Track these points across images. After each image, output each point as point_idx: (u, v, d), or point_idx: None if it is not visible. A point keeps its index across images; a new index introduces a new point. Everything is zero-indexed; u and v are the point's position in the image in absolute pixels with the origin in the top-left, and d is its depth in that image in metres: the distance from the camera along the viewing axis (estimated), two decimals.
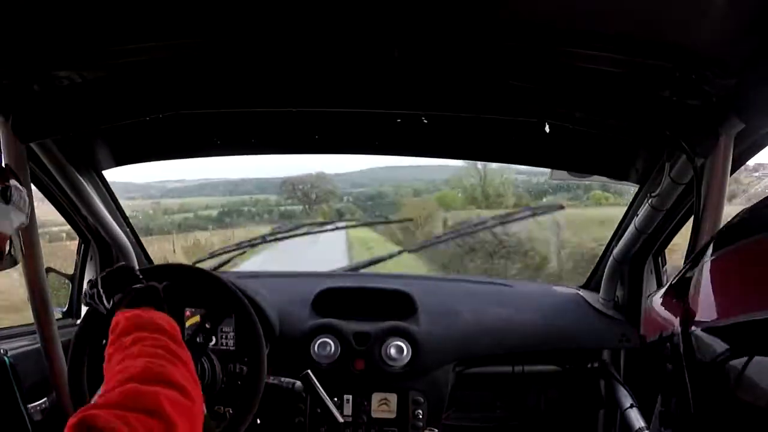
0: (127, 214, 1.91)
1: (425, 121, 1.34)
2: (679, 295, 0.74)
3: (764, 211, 0.63)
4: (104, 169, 1.76)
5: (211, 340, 1.70)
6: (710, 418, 0.63)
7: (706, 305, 0.63)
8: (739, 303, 0.58)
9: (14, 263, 1.05)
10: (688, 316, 0.67)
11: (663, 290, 0.87)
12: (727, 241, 0.64)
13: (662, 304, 0.83)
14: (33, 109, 1.26)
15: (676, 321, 0.70)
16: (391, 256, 2.23)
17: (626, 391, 1.75)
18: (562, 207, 3.12)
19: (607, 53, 1.11)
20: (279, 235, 2.30)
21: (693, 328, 0.64)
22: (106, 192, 1.79)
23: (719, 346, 0.59)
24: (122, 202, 1.88)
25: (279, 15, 1.07)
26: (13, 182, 1.00)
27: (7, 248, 1.01)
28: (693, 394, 0.65)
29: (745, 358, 0.54)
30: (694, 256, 0.74)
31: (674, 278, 0.81)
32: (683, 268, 0.79)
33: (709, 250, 0.66)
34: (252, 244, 2.18)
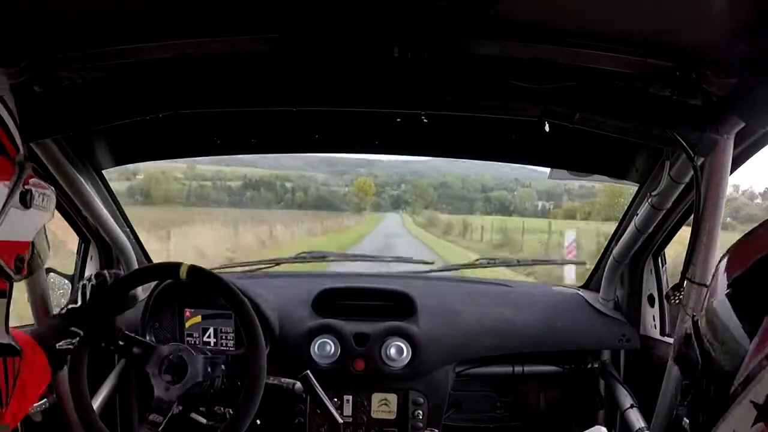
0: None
1: (425, 121, 1.34)
2: None
3: None
4: (104, 168, 1.76)
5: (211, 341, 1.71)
6: None
7: None
8: None
9: (38, 267, 0.99)
10: None
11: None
12: None
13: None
14: (33, 109, 1.26)
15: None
16: None
17: (626, 391, 1.75)
18: None
19: (607, 53, 1.11)
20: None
21: None
22: (106, 192, 1.79)
23: None
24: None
25: (278, 15, 1.07)
26: (34, 183, 0.92)
27: (29, 253, 0.95)
28: None
29: None
30: None
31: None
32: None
33: None
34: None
